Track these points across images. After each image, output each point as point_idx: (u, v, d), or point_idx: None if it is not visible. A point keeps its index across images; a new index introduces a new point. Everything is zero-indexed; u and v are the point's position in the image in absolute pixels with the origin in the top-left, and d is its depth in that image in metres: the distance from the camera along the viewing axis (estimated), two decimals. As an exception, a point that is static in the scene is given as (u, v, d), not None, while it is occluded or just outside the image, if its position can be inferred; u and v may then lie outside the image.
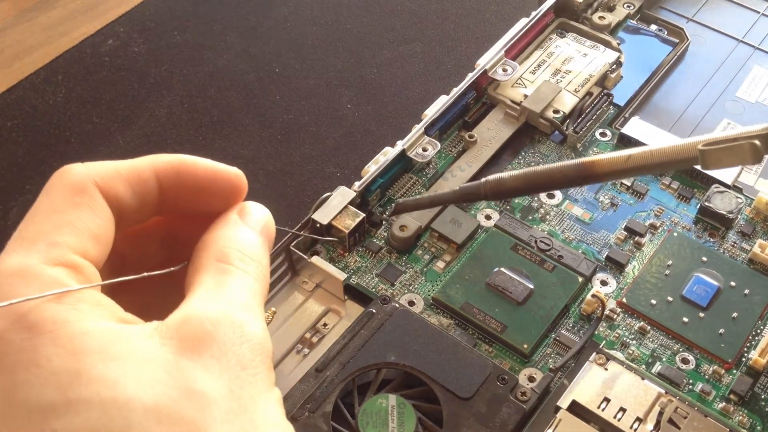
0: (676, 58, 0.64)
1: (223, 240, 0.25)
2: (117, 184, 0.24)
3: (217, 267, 0.24)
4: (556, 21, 0.64)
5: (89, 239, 0.23)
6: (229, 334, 0.22)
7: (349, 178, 0.56)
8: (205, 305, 0.23)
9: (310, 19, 0.79)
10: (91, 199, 0.23)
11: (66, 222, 0.23)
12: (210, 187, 0.26)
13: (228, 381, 0.21)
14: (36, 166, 0.66)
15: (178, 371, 0.21)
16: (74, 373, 0.20)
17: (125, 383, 0.20)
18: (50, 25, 0.77)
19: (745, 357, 0.47)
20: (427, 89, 0.71)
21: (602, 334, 0.48)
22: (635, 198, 0.55)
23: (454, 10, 0.80)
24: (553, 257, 0.50)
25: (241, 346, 0.22)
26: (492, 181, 0.37)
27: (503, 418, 0.42)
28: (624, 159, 0.35)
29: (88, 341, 0.21)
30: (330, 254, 0.51)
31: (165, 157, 0.26)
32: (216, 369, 0.21)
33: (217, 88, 0.72)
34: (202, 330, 0.22)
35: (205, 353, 0.21)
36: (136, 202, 0.25)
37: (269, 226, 0.27)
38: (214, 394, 0.21)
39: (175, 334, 0.22)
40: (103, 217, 0.24)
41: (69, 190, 0.23)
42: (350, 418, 0.42)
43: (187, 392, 0.20)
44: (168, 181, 0.25)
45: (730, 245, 0.52)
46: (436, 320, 0.48)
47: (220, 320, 0.22)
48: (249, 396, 0.22)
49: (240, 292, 0.24)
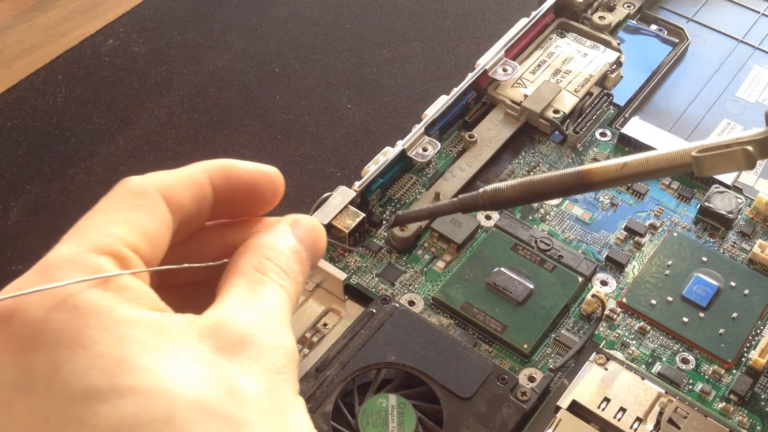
0: (676, 58, 0.64)
1: (266, 249, 0.25)
2: (178, 190, 0.25)
3: (253, 275, 0.25)
4: (556, 21, 0.64)
5: (142, 237, 0.23)
6: (266, 338, 0.23)
7: (349, 178, 0.56)
8: (241, 310, 0.23)
9: (310, 19, 0.79)
10: (152, 203, 0.24)
11: (121, 218, 0.23)
12: (255, 187, 0.27)
13: (266, 382, 0.22)
14: (36, 166, 0.66)
15: (218, 368, 0.21)
16: (119, 359, 0.20)
17: (168, 374, 0.20)
18: (50, 25, 0.77)
19: (745, 357, 0.47)
20: (427, 89, 0.71)
21: (602, 334, 0.48)
22: (635, 198, 0.55)
23: (454, 10, 0.80)
24: (553, 257, 0.50)
25: (276, 351, 0.23)
26: (489, 191, 0.38)
27: (503, 418, 0.42)
28: (619, 167, 0.36)
29: (131, 329, 0.21)
30: (330, 254, 0.51)
31: (215, 162, 0.26)
32: (255, 369, 0.22)
33: (217, 88, 0.72)
34: (240, 333, 0.22)
35: (244, 354, 0.22)
36: (195, 207, 0.25)
37: (318, 241, 0.27)
38: (253, 393, 0.21)
39: (212, 333, 0.22)
40: (162, 221, 0.24)
41: (131, 194, 0.24)
42: (350, 418, 0.42)
43: (227, 389, 0.21)
44: (220, 184, 0.26)
45: (730, 245, 0.52)
46: (436, 320, 0.48)
47: (258, 325, 0.23)
48: (284, 398, 0.22)
49: (274, 304, 0.24)
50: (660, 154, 0.35)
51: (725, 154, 0.34)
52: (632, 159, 0.36)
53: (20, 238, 0.61)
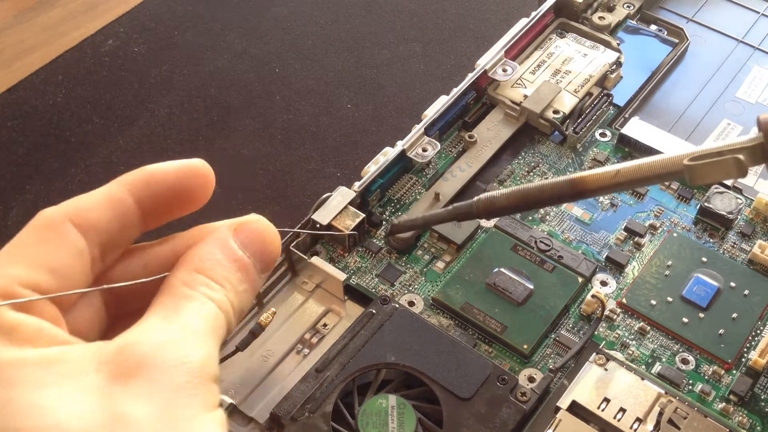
0: (676, 58, 0.64)
1: (198, 261, 0.25)
2: (91, 214, 0.24)
3: (181, 292, 0.24)
4: (556, 21, 0.64)
5: (45, 272, 0.23)
6: (167, 356, 0.22)
7: (349, 178, 0.56)
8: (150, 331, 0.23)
9: (310, 19, 0.79)
10: (59, 235, 0.24)
11: (22, 256, 0.23)
12: (181, 185, 0.26)
13: (160, 403, 0.21)
14: (36, 166, 0.66)
15: (108, 397, 0.21)
16: (6, 401, 0.20)
17: (54, 410, 0.20)
18: (50, 25, 0.77)
19: (744, 357, 0.47)
20: (427, 89, 0.72)
21: (602, 335, 0.48)
22: (635, 198, 0.55)
23: (454, 10, 0.80)
24: (553, 258, 0.50)
25: (177, 368, 0.22)
26: (483, 200, 0.38)
27: (503, 418, 0.42)
28: (612, 174, 0.36)
29: (19, 370, 0.21)
30: (330, 254, 0.51)
31: (132, 174, 0.26)
32: (147, 392, 0.21)
33: (217, 88, 0.72)
34: (140, 354, 0.22)
35: (139, 377, 0.21)
36: (117, 225, 0.25)
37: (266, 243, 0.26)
38: (140, 418, 0.21)
39: (113, 359, 0.22)
40: (70, 251, 0.24)
41: (39, 228, 0.24)
42: (350, 418, 0.42)
43: (113, 417, 0.21)
44: (142, 194, 0.25)
45: (730, 246, 0.52)
46: (436, 320, 0.48)
47: (158, 347, 0.22)
48: (183, 418, 0.21)
49: (194, 320, 0.23)
50: (652, 161, 0.35)
51: (716, 163, 0.34)
52: (625, 167, 0.36)
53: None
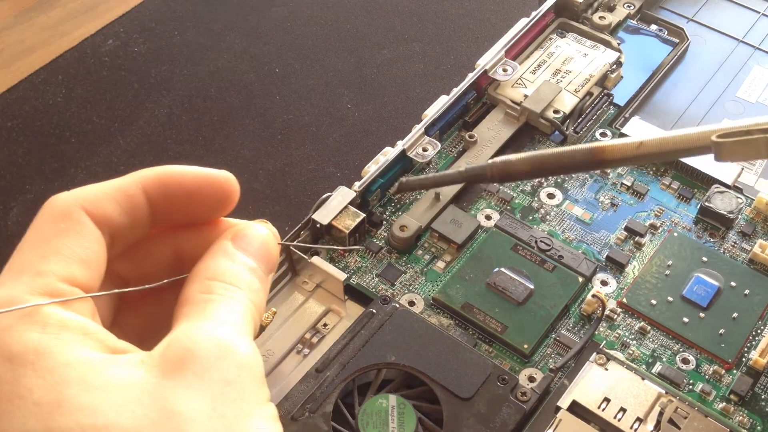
0: (676, 58, 0.64)
1: (209, 271, 0.25)
2: (104, 205, 0.24)
3: (200, 299, 0.24)
4: (556, 21, 0.64)
5: (77, 264, 0.23)
6: (212, 350, 0.22)
7: (349, 178, 0.56)
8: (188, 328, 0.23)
9: (310, 19, 0.79)
10: (77, 223, 0.23)
11: (52, 250, 0.23)
12: (198, 194, 0.26)
13: (210, 398, 0.21)
14: (36, 166, 0.66)
15: (158, 393, 0.21)
16: (55, 404, 0.20)
17: (105, 410, 0.20)
18: (50, 25, 0.77)
19: (745, 357, 0.47)
20: (427, 89, 0.71)
21: (602, 334, 0.48)
22: (635, 198, 0.55)
23: (454, 10, 0.80)
24: (553, 257, 0.50)
25: (225, 362, 0.22)
26: (499, 163, 0.36)
27: (503, 418, 0.42)
28: (635, 146, 0.35)
29: (69, 372, 0.21)
30: (330, 254, 0.51)
31: (149, 171, 0.25)
32: (198, 386, 0.21)
33: (217, 88, 0.72)
34: (183, 349, 0.22)
35: (188, 371, 0.21)
36: (127, 220, 0.25)
37: (266, 248, 0.26)
38: (193, 413, 0.21)
39: (158, 360, 0.22)
40: (91, 239, 0.24)
41: (54, 218, 0.23)
42: (350, 418, 0.42)
43: (166, 413, 0.20)
44: (155, 194, 0.25)
45: (731, 245, 0.52)
46: (436, 320, 0.48)
47: (203, 338, 0.22)
48: (233, 413, 0.21)
49: (225, 314, 0.23)
50: (678, 135, 0.34)
51: (747, 142, 0.33)
52: (649, 139, 0.34)
53: (20, 238, 0.61)
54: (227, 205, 0.26)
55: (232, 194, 0.26)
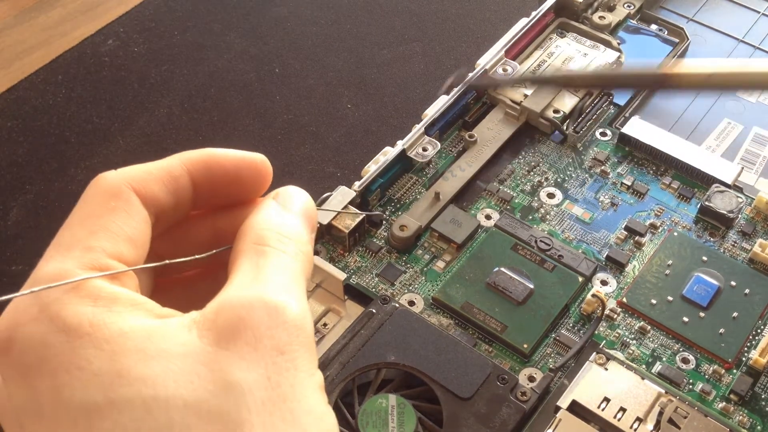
0: (676, 58, 0.64)
1: (259, 223, 0.25)
2: (152, 185, 0.25)
3: (254, 250, 0.24)
4: (556, 21, 0.64)
5: (124, 242, 0.23)
6: (263, 317, 0.22)
7: (349, 178, 0.56)
8: (239, 291, 0.23)
9: (310, 19, 0.79)
10: (127, 203, 0.24)
11: (101, 226, 0.23)
12: (238, 176, 0.27)
13: (265, 368, 0.21)
14: (36, 166, 0.66)
15: (215, 363, 0.21)
16: (115, 374, 0.20)
17: (165, 381, 0.20)
18: (50, 25, 0.77)
19: (745, 357, 0.47)
20: (427, 89, 0.71)
21: (602, 334, 0.48)
22: (635, 198, 0.55)
23: (454, 10, 0.80)
24: (553, 257, 0.50)
25: (276, 329, 0.22)
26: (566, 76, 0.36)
27: (503, 418, 0.42)
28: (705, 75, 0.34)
29: (125, 342, 0.21)
30: (330, 254, 0.51)
31: (194, 153, 0.26)
32: (252, 356, 0.21)
33: (217, 88, 0.72)
34: (235, 317, 0.22)
35: (240, 340, 0.21)
36: (172, 201, 0.25)
37: (308, 207, 0.27)
38: (249, 384, 0.21)
39: (212, 324, 0.22)
40: (139, 219, 0.24)
41: (104, 195, 0.24)
42: (350, 418, 0.42)
43: (223, 385, 0.21)
44: (199, 176, 0.26)
45: (731, 245, 0.52)
46: (436, 320, 0.48)
47: (253, 304, 0.22)
48: (288, 383, 0.21)
49: (277, 273, 0.23)
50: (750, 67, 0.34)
51: None
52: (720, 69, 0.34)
53: (20, 238, 0.61)
54: (263, 186, 0.27)
55: (267, 176, 0.27)
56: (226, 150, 0.26)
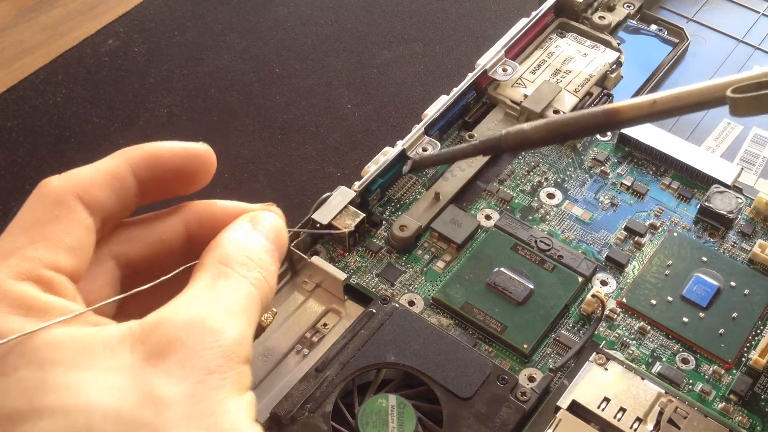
0: (676, 58, 0.64)
1: (230, 243, 0.25)
2: (98, 191, 0.25)
3: (217, 268, 0.24)
4: (556, 21, 0.64)
5: (64, 252, 0.23)
6: (198, 338, 0.22)
7: (349, 178, 0.56)
8: (182, 308, 0.23)
9: (310, 19, 0.79)
10: (70, 211, 0.24)
11: (41, 236, 0.23)
12: (181, 168, 0.27)
13: (190, 385, 0.21)
14: (36, 166, 0.66)
15: (140, 377, 0.21)
16: (40, 382, 0.21)
17: (88, 390, 0.21)
18: (50, 25, 0.77)
19: (745, 357, 0.47)
20: (427, 89, 0.71)
21: (602, 334, 0.48)
22: (635, 198, 0.55)
23: (454, 10, 0.80)
24: (553, 257, 0.50)
25: (210, 351, 0.22)
26: (513, 133, 0.36)
27: (503, 418, 0.42)
28: (650, 103, 0.34)
29: (54, 352, 0.21)
30: (330, 254, 0.51)
31: (136, 150, 0.26)
32: (179, 374, 0.21)
33: (217, 88, 0.72)
34: (171, 335, 0.22)
35: (171, 358, 0.22)
36: (118, 202, 0.25)
37: (280, 235, 0.27)
38: (172, 399, 0.21)
39: (146, 338, 0.22)
40: (82, 227, 0.24)
41: (48, 203, 0.24)
42: (350, 418, 0.42)
43: (146, 397, 0.21)
44: (143, 173, 0.26)
45: (730, 245, 0.52)
46: (436, 320, 0.48)
47: (191, 325, 0.22)
48: (213, 400, 0.22)
49: (228, 296, 0.24)
50: (692, 89, 0.34)
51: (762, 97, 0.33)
52: (663, 96, 0.34)
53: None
54: (207, 177, 0.27)
55: (211, 166, 0.27)
56: (167, 143, 0.27)
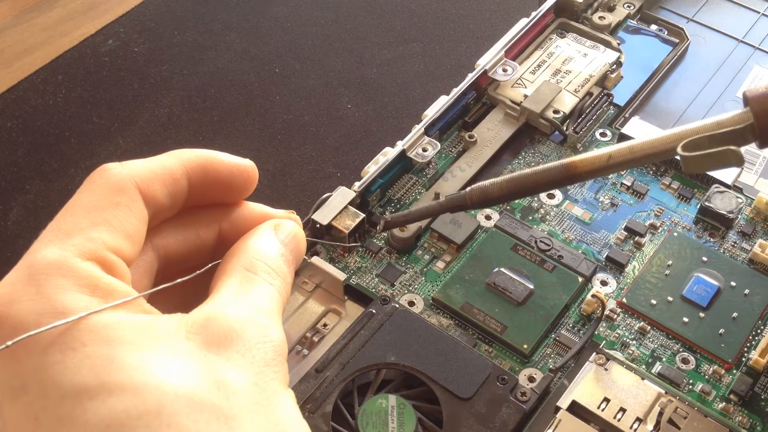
0: (676, 58, 0.64)
1: (254, 251, 0.26)
2: (155, 186, 0.25)
3: (244, 275, 0.25)
4: (556, 21, 0.64)
5: (124, 238, 0.24)
6: (254, 332, 0.23)
7: (349, 178, 0.56)
8: (231, 306, 0.24)
9: (310, 19, 0.79)
10: (131, 200, 0.24)
11: (104, 219, 0.24)
12: (231, 180, 0.28)
13: (253, 374, 0.23)
14: (36, 166, 0.66)
15: (206, 363, 0.22)
16: (108, 359, 0.21)
17: (156, 370, 0.21)
18: (50, 25, 0.77)
19: (745, 357, 0.47)
20: (427, 89, 0.72)
21: (602, 334, 0.48)
22: (635, 198, 0.55)
23: (454, 10, 0.80)
24: (553, 257, 0.50)
25: (264, 345, 0.23)
26: (476, 190, 0.38)
27: (503, 418, 0.42)
28: (606, 157, 0.36)
29: (120, 331, 0.21)
30: (330, 254, 0.51)
31: (192, 154, 0.27)
32: (242, 363, 0.23)
33: (217, 88, 0.72)
34: (228, 327, 0.23)
35: (231, 348, 0.23)
36: (170, 201, 0.26)
37: (300, 245, 0.29)
38: (240, 385, 0.22)
39: (201, 329, 0.23)
40: (139, 217, 0.25)
41: (110, 189, 0.24)
42: (350, 418, 0.42)
43: (215, 382, 0.22)
44: (195, 177, 0.27)
45: (731, 245, 0.52)
46: (436, 320, 0.48)
47: (246, 320, 0.24)
48: (272, 390, 0.23)
49: (264, 300, 0.25)
50: (645, 142, 0.35)
51: (711, 156, 0.34)
52: (617, 149, 0.36)
53: (20, 238, 0.62)
54: (249, 190, 0.29)
55: (254, 184, 0.29)
56: (221, 154, 0.28)
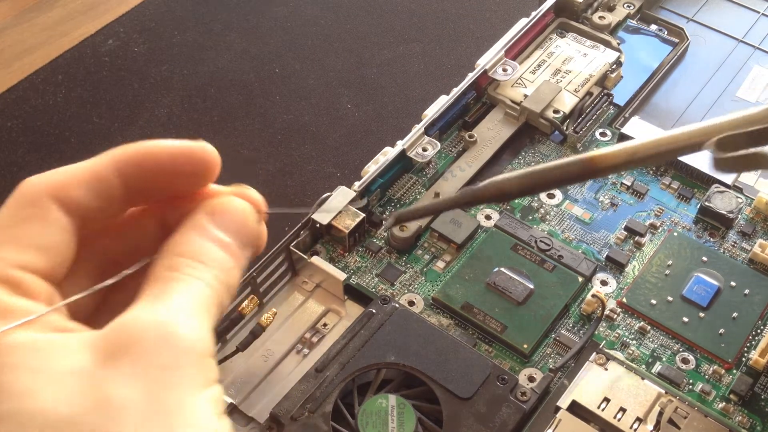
0: (676, 58, 0.64)
1: (178, 247, 0.24)
2: (74, 191, 0.24)
3: (164, 276, 0.24)
4: (556, 21, 0.64)
5: (33, 252, 0.23)
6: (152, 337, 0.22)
7: (349, 178, 0.56)
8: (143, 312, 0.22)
9: (310, 19, 0.79)
10: (42, 211, 0.24)
11: (9, 237, 0.23)
12: (175, 168, 0.25)
13: (146, 384, 0.21)
14: (36, 166, 0.66)
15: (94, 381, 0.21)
16: None
17: (43, 396, 0.20)
18: (50, 25, 0.77)
19: (745, 357, 0.47)
20: (427, 89, 0.71)
21: (602, 334, 0.48)
22: (635, 198, 0.55)
23: (454, 10, 0.80)
24: (553, 257, 0.50)
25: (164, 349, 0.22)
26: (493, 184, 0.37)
27: (503, 418, 0.42)
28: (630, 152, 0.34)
29: (11, 356, 0.21)
30: (330, 254, 0.51)
31: (123, 150, 0.25)
32: (131, 373, 0.21)
33: (217, 88, 0.72)
34: (126, 335, 0.22)
35: (125, 358, 0.21)
36: (98, 203, 0.25)
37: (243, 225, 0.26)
38: (127, 401, 0.21)
39: (102, 342, 0.22)
40: (56, 227, 0.24)
41: (19, 203, 0.24)
42: (350, 418, 0.42)
43: (99, 402, 0.21)
44: (130, 173, 0.25)
45: (731, 245, 0.52)
46: (436, 320, 0.48)
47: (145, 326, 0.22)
48: (173, 398, 0.21)
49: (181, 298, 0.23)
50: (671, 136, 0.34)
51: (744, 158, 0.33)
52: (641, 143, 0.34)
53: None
54: (208, 176, 0.26)
55: (211, 164, 0.26)
56: (160, 142, 0.25)
